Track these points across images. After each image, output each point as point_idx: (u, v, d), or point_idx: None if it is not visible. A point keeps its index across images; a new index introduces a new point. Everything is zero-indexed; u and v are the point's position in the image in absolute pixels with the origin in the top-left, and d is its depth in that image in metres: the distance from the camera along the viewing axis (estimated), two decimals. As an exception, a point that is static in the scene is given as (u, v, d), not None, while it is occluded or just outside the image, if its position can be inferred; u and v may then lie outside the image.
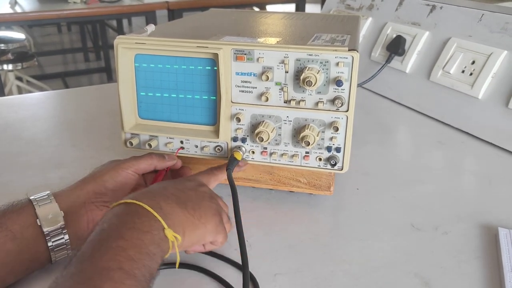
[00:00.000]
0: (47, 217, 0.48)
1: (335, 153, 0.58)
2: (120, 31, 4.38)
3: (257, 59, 0.55)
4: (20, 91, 2.93)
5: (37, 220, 0.47)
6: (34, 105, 1.03)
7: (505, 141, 0.79)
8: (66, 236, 0.48)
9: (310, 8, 3.33)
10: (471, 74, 0.86)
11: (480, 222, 0.60)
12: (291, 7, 3.07)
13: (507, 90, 0.80)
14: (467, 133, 0.85)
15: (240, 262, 0.49)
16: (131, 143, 0.63)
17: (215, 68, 0.57)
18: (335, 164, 0.58)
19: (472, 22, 0.89)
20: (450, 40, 0.91)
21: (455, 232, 0.58)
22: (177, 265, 0.45)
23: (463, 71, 0.88)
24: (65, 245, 0.49)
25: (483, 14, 0.87)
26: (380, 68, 1.02)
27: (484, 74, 0.84)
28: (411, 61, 0.98)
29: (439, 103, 0.91)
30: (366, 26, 1.11)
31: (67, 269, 0.37)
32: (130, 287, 0.36)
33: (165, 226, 0.42)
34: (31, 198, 0.49)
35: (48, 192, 0.50)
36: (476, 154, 0.80)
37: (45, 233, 0.47)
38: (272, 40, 0.58)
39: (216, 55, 0.56)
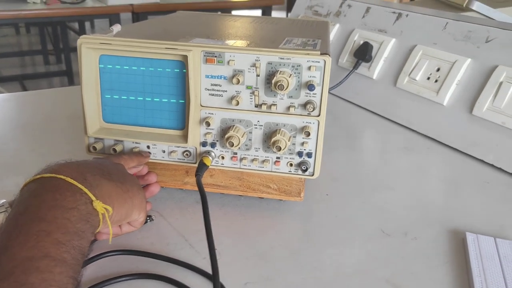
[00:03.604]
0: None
1: (306, 158, 0.57)
2: (82, 33, 4.26)
3: (228, 62, 0.54)
4: (-25, 93, 2.80)
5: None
6: (-10, 108, 0.98)
7: (469, 147, 0.81)
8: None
9: (276, 15, 3.35)
10: (436, 81, 0.88)
11: (448, 227, 0.61)
12: (257, 13, 3.09)
13: (471, 97, 0.82)
14: (433, 139, 0.87)
15: (209, 271, 0.47)
16: (94, 148, 0.60)
17: (184, 70, 0.55)
18: (306, 170, 0.58)
19: (436, 30, 0.91)
20: (416, 47, 0.93)
21: (424, 237, 0.59)
22: (110, 240, 0.42)
23: (428, 78, 0.89)
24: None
25: (447, 23, 0.89)
26: (348, 74, 1.03)
27: (448, 81, 0.85)
28: (378, 67, 0.99)
29: (405, 109, 0.93)
30: (333, 33, 1.12)
31: None
32: (61, 274, 0.32)
33: (93, 198, 0.38)
34: (-16, 206, 0.46)
35: (4, 200, 0.47)
36: (442, 159, 0.81)
37: None
38: (243, 43, 0.57)
39: (185, 57, 0.54)
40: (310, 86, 0.53)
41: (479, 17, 1.03)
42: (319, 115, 0.55)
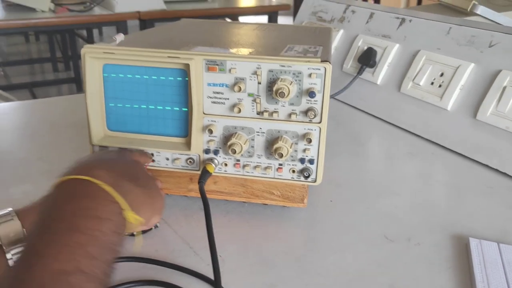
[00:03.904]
0: (8, 236, 0.45)
1: (308, 165, 0.58)
2: (90, 41, 4.32)
3: (230, 70, 0.55)
4: (-15, 101, 2.84)
5: (-2, 239, 0.45)
6: (-2, 116, 1.00)
7: (473, 152, 0.81)
8: (29, 255, 0.46)
9: (283, 20, 3.36)
10: (440, 86, 0.88)
11: (451, 233, 0.61)
12: (263, 19, 3.10)
13: (475, 102, 0.82)
14: (436, 143, 0.87)
15: (212, 277, 0.48)
16: (99, 156, 0.61)
17: (187, 78, 0.56)
18: (308, 176, 0.58)
19: (440, 35, 0.91)
20: (420, 52, 0.93)
21: (427, 243, 0.59)
22: (139, 247, 0.42)
23: (432, 83, 0.89)
24: (29, 265, 0.46)
25: (450, 28, 0.89)
26: (352, 80, 1.03)
27: (452, 86, 0.85)
28: (382, 73, 0.99)
29: (409, 114, 0.93)
30: (337, 38, 1.12)
31: (13, 271, 0.31)
32: None
33: (127, 207, 0.37)
34: (-10, 215, 0.47)
35: (10, 209, 0.48)
36: (446, 164, 0.81)
37: (6, 252, 0.45)
38: (245, 51, 0.57)
39: (187, 65, 0.55)
40: (311, 93, 0.53)
41: (482, 22, 1.03)
42: (320, 122, 0.55)
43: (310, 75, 0.53)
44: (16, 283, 0.30)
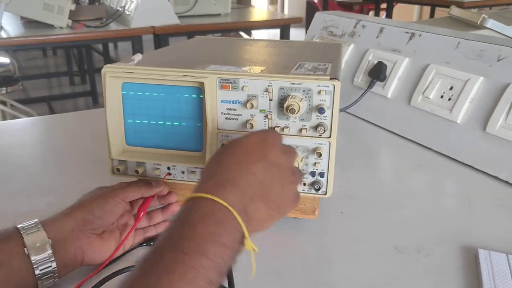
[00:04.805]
0: (35, 245, 0.48)
1: (319, 178, 0.60)
2: (106, 55, 4.40)
3: (242, 88, 0.57)
4: (4, 115, 2.91)
5: (25, 248, 0.47)
6: (20, 131, 1.03)
7: (483, 164, 0.82)
8: (54, 264, 0.49)
9: (295, 32, 3.39)
10: (449, 99, 0.89)
11: (460, 244, 0.62)
12: (276, 32, 3.13)
13: (484, 115, 0.83)
14: (447, 156, 0.88)
15: (227, 286, 0.49)
16: (118, 170, 0.64)
17: (201, 96, 0.59)
18: (319, 189, 0.60)
19: (449, 49, 0.92)
20: (429, 66, 0.94)
21: (436, 254, 0.60)
22: (253, 275, 0.42)
23: (442, 96, 0.90)
24: (52, 273, 0.49)
25: (459, 42, 0.91)
26: (363, 93, 1.05)
27: (462, 99, 0.87)
28: (392, 86, 1.01)
29: (419, 127, 0.94)
30: (348, 52, 1.14)
31: (139, 275, 0.34)
32: None
33: (247, 236, 0.39)
34: (18, 226, 0.49)
35: (36, 220, 0.51)
36: (455, 177, 0.82)
37: (32, 261, 0.47)
38: (257, 69, 0.60)
39: (202, 83, 0.57)
40: (320, 110, 0.55)
41: (490, 36, 1.04)
42: (330, 137, 0.57)
43: (319, 92, 0.55)
44: None
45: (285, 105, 0.56)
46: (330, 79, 0.55)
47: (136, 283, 0.33)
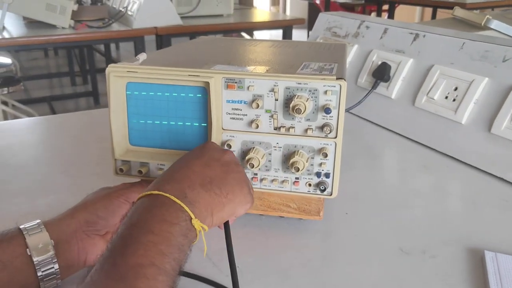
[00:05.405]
0: (37, 246, 0.47)
1: (324, 178, 0.59)
2: (108, 55, 4.40)
3: (248, 88, 0.57)
4: (6, 115, 2.91)
5: (27, 249, 0.47)
6: (22, 131, 1.03)
7: (488, 165, 0.81)
8: (56, 266, 0.48)
9: (297, 34, 3.39)
10: (454, 100, 0.89)
11: (466, 245, 0.61)
12: (278, 33, 3.13)
13: (489, 116, 0.83)
14: (451, 157, 0.87)
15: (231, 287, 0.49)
16: (121, 170, 0.63)
17: (206, 96, 0.58)
18: (324, 190, 0.59)
19: (453, 50, 0.92)
20: (433, 67, 0.94)
21: (442, 255, 0.59)
22: (204, 254, 0.46)
23: (446, 97, 0.90)
24: (55, 275, 0.48)
25: (464, 43, 0.91)
26: (367, 94, 1.04)
27: (466, 100, 0.86)
28: (397, 87, 1.01)
29: (424, 128, 0.93)
30: (352, 53, 1.14)
31: (100, 263, 0.37)
32: (163, 282, 0.37)
33: (192, 216, 0.42)
34: (21, 227, 0.49)
35: (39, 221, 0.50)
36: (460, 178, 0.82)
37: (35, 262, 0.47)
38: (262, 69, 0.59)
39: (207, 83, 0.57)
40: (326, 110, 0.55)
41: (495, 37, 1.04)
42: (336, 137, 0.57)
43: (325, 92, 0.55)
44: (103, 275, 0.36)
45: (291, 105, 0.55)
46: (337, 79, 0.54)
47: (94, 272, 0.37)
